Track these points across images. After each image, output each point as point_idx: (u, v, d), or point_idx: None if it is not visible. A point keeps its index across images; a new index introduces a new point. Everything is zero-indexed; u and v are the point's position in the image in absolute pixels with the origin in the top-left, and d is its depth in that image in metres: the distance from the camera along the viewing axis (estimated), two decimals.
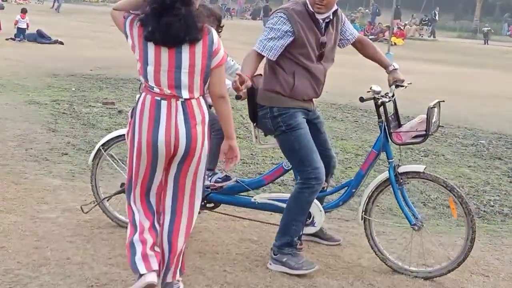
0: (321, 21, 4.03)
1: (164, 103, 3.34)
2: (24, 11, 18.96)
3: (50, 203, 5.03)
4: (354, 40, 4.40)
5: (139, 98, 3.44)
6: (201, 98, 3.45)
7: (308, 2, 3.99)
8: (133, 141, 3.42)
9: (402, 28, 35.58)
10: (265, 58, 4.04)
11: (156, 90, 3.34)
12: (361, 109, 10.44)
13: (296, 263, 4.06)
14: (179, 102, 3.35)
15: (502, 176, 6.93)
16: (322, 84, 4.19)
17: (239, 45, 19.13)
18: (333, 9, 4.05)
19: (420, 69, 18.94)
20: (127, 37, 3.42)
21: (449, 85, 15.50)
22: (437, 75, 17.87)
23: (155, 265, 3.41)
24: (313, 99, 4.25)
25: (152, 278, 3.38)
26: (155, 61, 3.32)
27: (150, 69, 3.34)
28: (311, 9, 3.98)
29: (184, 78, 3.34)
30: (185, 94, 3.36)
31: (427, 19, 40.61)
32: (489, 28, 39.68)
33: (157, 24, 3.23)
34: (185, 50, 3.30)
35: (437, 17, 40.73)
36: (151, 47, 3.31)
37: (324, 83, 4.22)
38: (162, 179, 3.53)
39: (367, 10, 46.15)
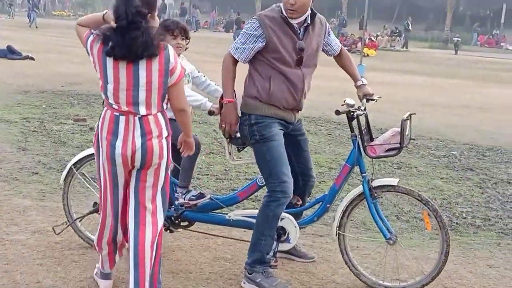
0: (296, 25, 4.05)
1: (122, 119, 3.45)
2: None
3: (19, 225, 4.94)
4: (339, 50, 4.44)
5: (101, 113, 3.57)
6: (159, 114, 3.52)
7: (282, 7, 4.04)
8: (98, 154, 3.58)
9: (374, 39, 35.94)
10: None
11: (115, 106, 3.44)
12: (334, 122, 10.47)
13: (270, 285, 4.03)
14: (136, 118, 3.45)
15: (474, 187, 6.98)
16: (301, 91, 4.14)
17: (211, 58, 19.15)
18: (307, 14, 4.06)
19: (393, 80, 19.12)
20: (88, 54, 3.51)
21: (421, 96, 15.64)
22: (409, 86, 18.02)
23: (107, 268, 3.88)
24: (296, 111, 4.23)
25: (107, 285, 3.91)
26: (114, 79, 3.40)
27: (110, 87, 3.42)
28: (285, 14, 4.02)
29: (142, 96, 3.42)
30: (142, 110, 3.45)
31: (397, 30, 40.87)
32: (459, 39, 40.20)
33: (121, 39, 3.30)
34: (142, 67, 3.38)
35: (410, 27, 40.90)
36: (109, 64, 3.38)
37: (305, 91, 4.18)
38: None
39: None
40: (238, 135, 4.15)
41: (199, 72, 4.70)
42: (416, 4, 56.30)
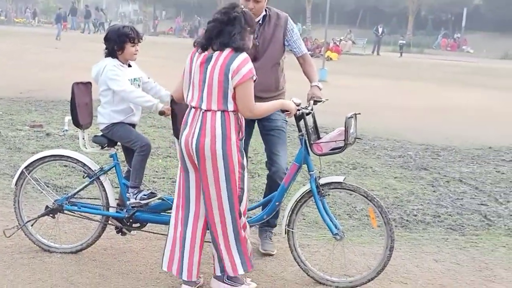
0: None
1: (192, 111, 3.84)
2: None
3: None
4: (300, 55, 4.77)
5: None
6: (218, 112, 3.73)
7: None
8: None
9: (337, 43, 36.25)
10: None
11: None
12: (293, 125, 10.53)
13: None
14: (200, 113, 3.78)
15: (426, 186, 7.11)
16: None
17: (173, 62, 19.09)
18: (261, 15, 4.58)
19: (354, 83, 19.35)
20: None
21: (381, 98, 15.86)
22: (370, 89, 18.25)
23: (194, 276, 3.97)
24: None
25: None
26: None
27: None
28: None
29: (205, 91, 3.76)
30: (203, 106, 3.76)
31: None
32: (404, 41, 41.16)
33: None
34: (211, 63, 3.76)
35: (380, 33, 40.38)
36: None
37: (264, 82, 4.38)
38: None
39: (304, 27, 46.95)
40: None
41: (149, 78, 4.75)
42: (379, 8, 56.98)
